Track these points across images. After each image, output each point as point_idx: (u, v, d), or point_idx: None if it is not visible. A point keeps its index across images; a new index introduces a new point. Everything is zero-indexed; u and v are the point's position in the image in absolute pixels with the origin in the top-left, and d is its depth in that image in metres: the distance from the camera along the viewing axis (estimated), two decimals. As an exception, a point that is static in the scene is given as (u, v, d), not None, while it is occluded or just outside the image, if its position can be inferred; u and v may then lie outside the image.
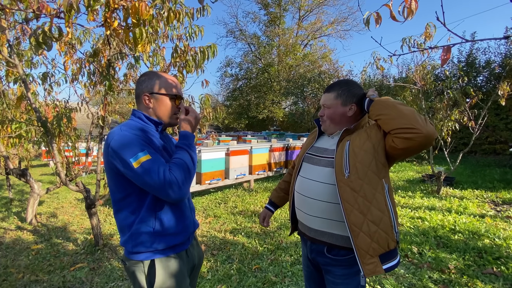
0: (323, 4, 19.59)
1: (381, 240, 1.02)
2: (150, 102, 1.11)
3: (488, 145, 9.09)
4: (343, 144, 1.14)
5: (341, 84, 1.20)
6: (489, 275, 2.37)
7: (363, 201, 1.02)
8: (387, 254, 1.04)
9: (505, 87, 4.31)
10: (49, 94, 3.60)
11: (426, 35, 4.08)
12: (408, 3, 1.11)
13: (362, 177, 1.04)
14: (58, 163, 2.76)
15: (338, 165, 1.10)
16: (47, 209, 4.71)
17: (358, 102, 1.18)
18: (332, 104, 1.18)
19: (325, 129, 1.25)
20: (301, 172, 1.25)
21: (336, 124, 1.19)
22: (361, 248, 1.02)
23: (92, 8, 1.44)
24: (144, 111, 1.12)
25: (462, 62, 9.93)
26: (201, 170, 4.81)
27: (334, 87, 1.20)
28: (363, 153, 1.06)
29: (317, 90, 15.02)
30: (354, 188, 1.04)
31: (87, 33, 3.15)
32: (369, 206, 1.02)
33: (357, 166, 1.05)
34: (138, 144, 0.96)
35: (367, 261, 1.02)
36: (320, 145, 1.25)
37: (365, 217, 1.02)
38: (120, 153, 0.95)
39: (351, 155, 1.08)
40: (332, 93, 1.19)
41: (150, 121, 1.12)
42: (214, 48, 2.45)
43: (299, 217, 1.26)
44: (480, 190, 5.25)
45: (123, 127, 1.02)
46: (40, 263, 2.77)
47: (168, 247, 1.06)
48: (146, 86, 1.10)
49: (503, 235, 3.11)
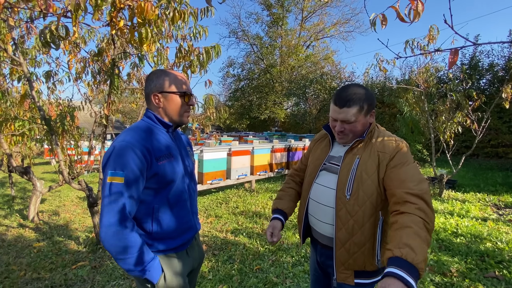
0: (326, 6, 19.59)
1: (359, 260, 1.08)
2: (160, 101, 1.09)
3: (491, 148, 9.05)
4: (351, 158, 1.11)
5: (359, 95, 1.09)
6: (491, 279, 2.36)
7: (354, 224, 1.06)
8: (362, 272, 1.10)
9: (509, 90, 4.29)
10: (53, 92, 3.62)
11: (430, 37, 4.07)
12: (415, 5, 1.11)
13: (361, 205, 1.06)
14: (61, 161, 2.77)
15: (341, 181, 1.09)
16: (49, 207, 4.73)
17: (375, 106, 1.15)
18: (356, 119, 1.10)
19: (345, 142, 1.17)
20: (318, 180, 1.21)
21: (358, 135, 1.14)
22: (339, 260, 1.10)
23: (99, 8, 1.45)
24: (154, 110, 1.11)
25: (465, 65, 9.89)
26: (203, 170, 4.82)
27: (353, 101, 1.08)
28: (370, 182, 1.05)
29: (319, 91, 15.01)
30: (350, 211, 1.07)
31: (92, 33, 3.17)
32: (357, 231, 1.06)
33: (360, 193, 1.06)
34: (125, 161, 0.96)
35: (341, 271, 1.11)
36: (335, 154, 1.22)
37: (350, 238, 1.07)
38: (109, 160, 0.98)
39: (357, 178, 1.07)
40: (354, 108, 1.08)
41: (159, 123, 1.11)
42: (218, 49, 2.46)
43: (313, 223, 1.24)
44: (483, 193, 5.23)
45: (128, 134, 1.02)
46: (42, 261, 2.78)
47: (167, 248, 1.08)
48: (155, 85, 1.09)
49: (505, 239, 3.10)
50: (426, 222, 0.89)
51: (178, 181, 1.09)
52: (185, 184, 1.15)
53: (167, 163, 1.06)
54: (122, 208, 0.94)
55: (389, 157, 1.05)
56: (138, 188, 0.99)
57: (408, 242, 0.80)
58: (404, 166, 1.02)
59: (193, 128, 3.11)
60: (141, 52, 2.42)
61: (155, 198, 1.05)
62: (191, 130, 3.27)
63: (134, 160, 0.96)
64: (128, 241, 0.94)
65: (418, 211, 0.90)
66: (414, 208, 0.91)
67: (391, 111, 11.11)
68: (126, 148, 0.97)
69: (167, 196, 1.06)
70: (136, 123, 1.10)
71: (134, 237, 0.95)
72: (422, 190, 0.94)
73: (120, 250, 0.93)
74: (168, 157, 1.07)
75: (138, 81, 3.88)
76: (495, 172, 7.26)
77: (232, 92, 22.04)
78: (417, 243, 0.81)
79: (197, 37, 2.57)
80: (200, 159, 4.83)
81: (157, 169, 1.02)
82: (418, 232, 0.84)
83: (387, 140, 1.10)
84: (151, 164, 1.01)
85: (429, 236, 0.88)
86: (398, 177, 1.00)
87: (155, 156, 1.03)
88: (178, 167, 1.11)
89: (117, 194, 0.94)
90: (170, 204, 1.07)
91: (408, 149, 1.09)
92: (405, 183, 0.97)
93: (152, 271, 0.99)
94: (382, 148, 1.08)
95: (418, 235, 0.83)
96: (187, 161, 1.21)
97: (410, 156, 1.07)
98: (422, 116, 5.74)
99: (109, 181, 0.95)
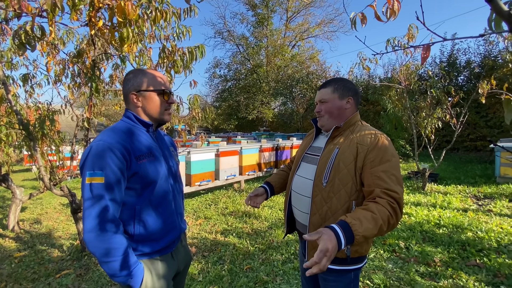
0: (310, 6, 19.84)
1: None
2: (139, 101, 1.09)
3: (470, 142, 9.43)
4: (331, 149, 1.16)
5: (336, 80, 1.23)
6: (472, 267, 2.46)
7: (327, 211, 1.11)
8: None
9: (485, 86, 4.49)
10: (31, 96, 3.48)
11: (409, 36, 4.21)
12: (391, 4, 1.14)
13: (335, 192, 1.10)
14: (42, 167, 2.67)
15: (320, 169, 1.15)
16: (30, 215, 4.55)
17: (354, 95, 1.21)
18: (329, 98, 1.20)
19: (322, 125, 1.25)
20: (298, 171, 1.28)
21: (334, 119, 1.21)
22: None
23: (77, 7, 1.40)
24: (133, 110, 1.10)
25: (444, 63, 10.27)
26: (191, 171, 4.77)
27: (329, 83, 1.22)
28: (346, 172, 1.09)
29: (305, 91, 15.18)
30: (325, 198, 1.12)
31: (70, 33, 3.07)
32: (330, 217, 1.11)
33: (335, 181, 1.10)
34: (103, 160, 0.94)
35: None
36: (317, 145, 1.29)
37: (323, 223, 1.12)
38: (87, 160, 0.96)
39: (335, 167, 1.11)
40: (329, 88, 1.21)
41: (139, 122, 1.10)
42: (202, 49, 2.44)
43: (296, 215, 1.29)
44: (463, 185, 5.44)
45: (106, 134, 1.00)
46: (23, 271, 2.68)
47: (151, 251, 1.06)
48: (133, 85, 1.08)
49: (485, 228, 3.23)
50: (391, 216, 0.96)
51: (161, 181, 1.08)
52: (169, 185, 1.13)
53: (148, 163, 1.04)
54: (103, 211, 0.92)
55: (367, 150, 1.08)
56: (119, 188, 0.97)
57: (361, 219, 0.90)
58: (384, 164, 1.04)
59: (179, 129, 3.07)
60: (122, 53, 2.37)
61: (137, 199, 1.03)
62: (177, 132, 3.23)
63: (113, 159, 0.95)
64: (111, 244, 0.92)
65: (388, 206, 0.96)
66: (386, 203, 0.97)
67: (375, 108, 11.37)
68: (104, 148, 0.95)
69: (149, 197, 1.05)
70: (115, 124, 1.09)
71: (118, 239, 0.93)
72: (398, 193, 0.99)
73: (104, 253, 0.91)
74: (148, 156, 1.06)
75: (120, 83, 3.80)
76: (474, 164, 7.57)
77: (219, 93, 21.92)
78: (370, 225, 0.90)
79: (181, 37, 2.55)
80: (188, 160, 4.78)
81: (137, 168, 1.00)
82: (377, 219, 0.92)
83: (367, 134, 1.13)
84: (131, 163, 0.99)
85: (386, 228, 0.95)
86: (378, 175, 1.03)
87: (135, 155, 1.01)
88: (161, 167, 1.09)
89: (98, 195, 0.92)
90: (153, 205, 1.06)
91: (390, 143, 1.11)
92: (385, 181, 1.01)
93: (135, 277, 0.97)
94: (361, 140, 1.12)
95: (375, 220, 0.92)
96: (171, 161, 1.20)
97: (391, 151, 1.08)
98: (404, 112, 5.92)
99: (88, 182, 0.93)
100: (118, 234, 0.94)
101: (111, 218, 0.93)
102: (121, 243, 0.94)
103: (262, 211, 4.18)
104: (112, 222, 0.93)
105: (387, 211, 0.95)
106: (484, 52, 9.53)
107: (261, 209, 4.25)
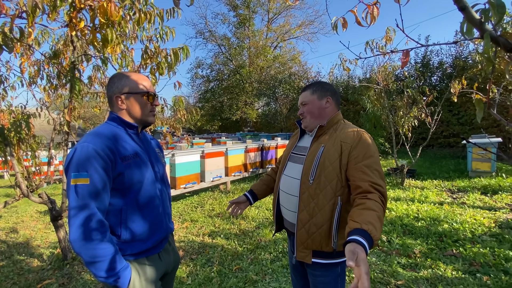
0: (290, 8, 20.08)
1: (316, 240, 1.17)
2: (123, 103, 1.10)
3: (444, 139, 9.95)
4: (316, 147, 1.22)
5: (315, 83, 1.33)
6: (450, 257, 2.61)
7: (314, 207, 1.16)
8: (319, 252, 1.19)
9: (456, 86, 4.76)
10: (3, 99, 3.30)
11: (387, 38, 4.38)
12: (371, 9, 1.20)
13: (321, 189, 1.15)
14: (18, 173, 2.55)
15: (306, 167, 1.20)
16: (6, 225, 4.30)
17: (333, 95, 1.29)
18: (309, 100, 1.28)
19: (306, 126, 1.32)
20: (285, 171, 1.33)
21: (316, 118, 1.28)
22: (299, 239, 1.21)
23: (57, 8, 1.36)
24: (118, 112, 1.11)
25: (419, 63, 10.77)
26: (176, 174, 4.70)
27: (309, 86, 1.33)
28: (331, 169, 1.15)
29: (288, 91, 15.37)
30: (312, 194, 1.17)
31: (46, 33, 2.94)
32: (317, 212, 1.16)
33: (321, 178, 1.16)
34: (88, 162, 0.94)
35: (300, 250, 1.22)
36: (302, 144, 1.34)
37: (310, 219, 1.17)
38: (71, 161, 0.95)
39: (320, 165, 1.16)
40: (308, 91, 1.30)
41: (124, 124, 1.10)
42: (186, 50, 2.43)
43: (284, 214, 1.33)
44: (438, 180, 5.74)
45: (90, 136, 1.00)
46: (3, 282, 2.54)
47: (138, 252, 1.06)
48: (117, 87, 1.09)
49: (459, 220, 3.44)
50: (383, 209, 1.04)
51: (147, 181, 1.08)
52: (156, 187, 1.14)
53: (133, 163, 1.05)
54: (89, 218, 0.91)
55: (351, 147, 1.15)
56: (105, 189, 0.97)
57: (372, 222, 0.94)
58: (367, 159, 1.11)
59: (164, 131, 3.03)
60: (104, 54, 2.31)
61: (123, 200, 1.02)
62: (161, 134, 3.18)
63: (98, 160, 0.94)
64: (97, 250, 0.91)
65: (379, 200, 1.04)
66: (377, 197, 1.04)
67: (355, 108, 11.72)
68: (89, 149, 0.95)
69: (136, 197, 1.05)
70: (99, 126, 1.09)
71: (105, 245, 0.93)
72: (383, 187, 1.07)
73: (90, 257, 0.91)
74: (134, 157, 1.06)
75: (101, 84, 3.68)
76: (448, 160, 8.00)
77: (202, 94, 21.69)
78: (379, 225, 0.96)
79: (164, 38, 2.52)
80: (172, 163, 4.71)
81: (122, 169, 1.00)
82: (380, 217, 0.99)
83: (349, 131, 1.20)
84: (116, 164, 0.99)
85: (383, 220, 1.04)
86: (362, 170, 1.10)
87: (120, 156, 1.01)
88: (146, 169, 1.10)
89: (83, 198, 0.92)
90: (139, 206, 1.06)
91: (372, 140, 1.18)
92: (370, 176, 1.07)
93: (122, 278, 0.97)
94: (344, 138, 1.18)
95: (379, 219, 0.98)
96: (158, 163, 1.20)
97: (373, 147, 1.16)
98: (383, 111, 6.15)
99: (73, 183, 0.92)
100: (105, 241, 0.93)
101: (96, 226, 0.92)
102: (108, 248, 0.93)
103: (249, 212, 4.20)
104: (98, 229, 0.93)
105: (381, 206, 1.02)
106: (455, 53, 10.10)
107: (248, 210, 4.27)
